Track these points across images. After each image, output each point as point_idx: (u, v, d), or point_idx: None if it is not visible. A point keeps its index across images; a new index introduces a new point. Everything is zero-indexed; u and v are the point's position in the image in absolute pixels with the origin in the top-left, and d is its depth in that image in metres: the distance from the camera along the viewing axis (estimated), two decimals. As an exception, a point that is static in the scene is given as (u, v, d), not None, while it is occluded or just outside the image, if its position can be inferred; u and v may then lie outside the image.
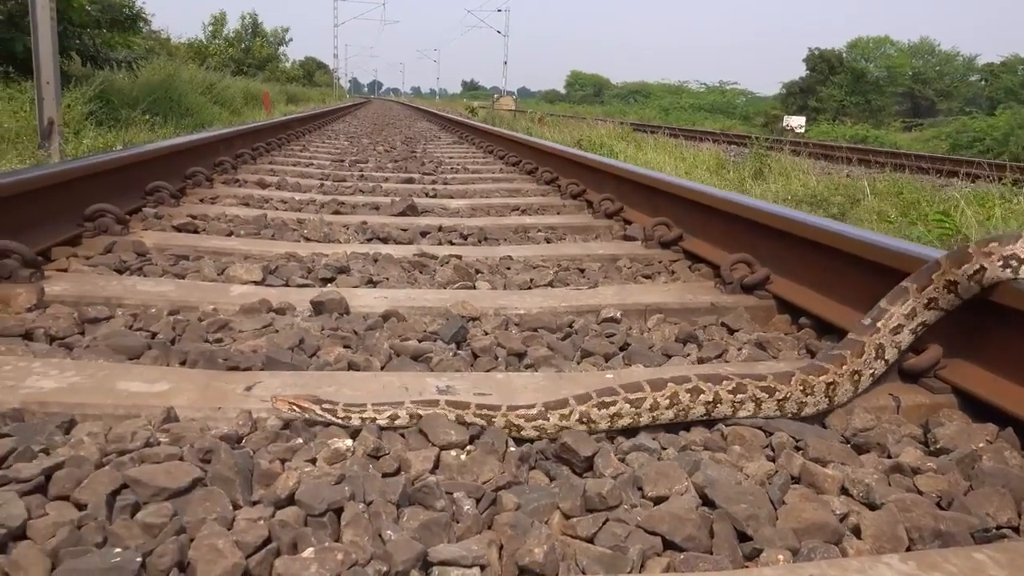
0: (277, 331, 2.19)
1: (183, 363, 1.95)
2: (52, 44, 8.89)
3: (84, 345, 2.02)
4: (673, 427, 1.68)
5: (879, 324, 1.81)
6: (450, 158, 8.54)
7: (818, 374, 1.73)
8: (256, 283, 2.73)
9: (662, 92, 74.64)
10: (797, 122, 26.59)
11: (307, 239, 3.57)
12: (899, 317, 1.82)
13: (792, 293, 2.57)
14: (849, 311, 2.26)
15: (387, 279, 2.90)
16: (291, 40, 57.51)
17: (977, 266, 1.79)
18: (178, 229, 3.58)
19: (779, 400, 1.69)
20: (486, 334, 2.31)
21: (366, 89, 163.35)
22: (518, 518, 1.28)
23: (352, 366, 1.98)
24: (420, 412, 1.58)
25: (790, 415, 1.72)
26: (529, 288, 2.89)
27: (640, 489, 1.40)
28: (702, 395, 1.66)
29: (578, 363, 2.13)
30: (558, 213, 4.77)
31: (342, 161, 7.55)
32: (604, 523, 1.28)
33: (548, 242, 3.85)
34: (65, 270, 2.73)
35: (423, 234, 3.79)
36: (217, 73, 24.75)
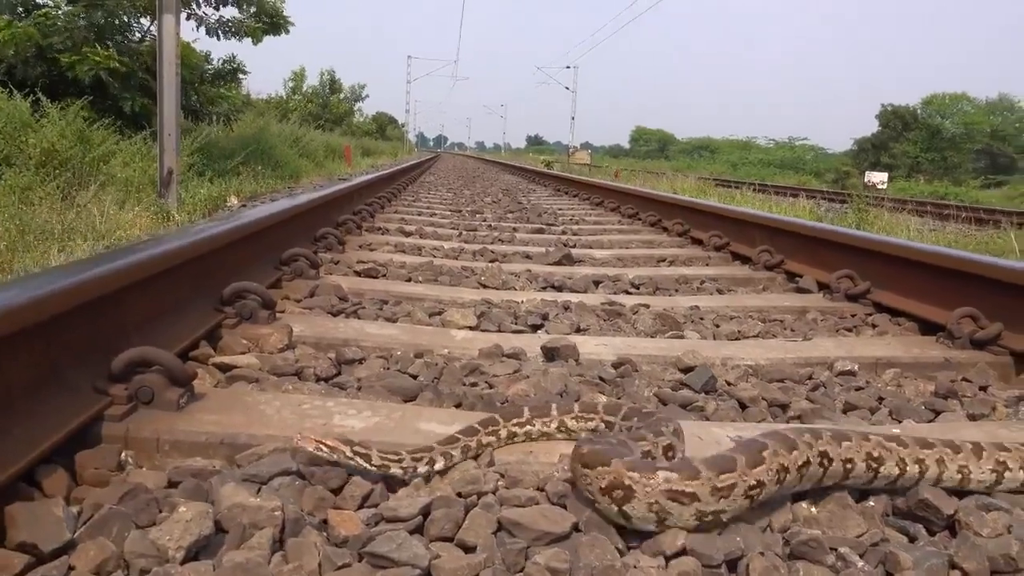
0: (528, 376, 2.18)
1: (458, 405, 1.95)
2: (176, 99, 9.30)
3: (355, 386, 2.04)
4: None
5: None
6: (560, 209, 8.59)
7: None
8: (471, 328, 2.73)
9: (729, 148, 74.43)
10: (879, 178, 26.10)
11: (484, 285, 3.59)
12: None
13: (1037, 349, 2.46)
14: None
15: (589, 326, 2.89)
16: (367, 96, 59.38)
17: None
18: (359, 274, 3.65)
19: None
20: (729, 384, 2.26)
21: (432, 143, 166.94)
22: (921, 577, 1.22)
23: (628, 413, 1.95)
24: (451, 453, 1.52)
25: None
26: (737, 339, 2.84)
27: (1025, 551, 1.32)
28: None
29: (844, 415, 2.06)
30: (706, 264, 4.72)
31: (459, 212, 7.66)
32: (1021, 586, 1.21)
33: (720, 293, 3.80)
34: (283, 311, 2.78)
35: (596, 283, 3.78)
36: (303, 128, 25.65)
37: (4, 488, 1.25)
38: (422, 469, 1.47)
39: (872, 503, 1.46)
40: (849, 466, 1.44)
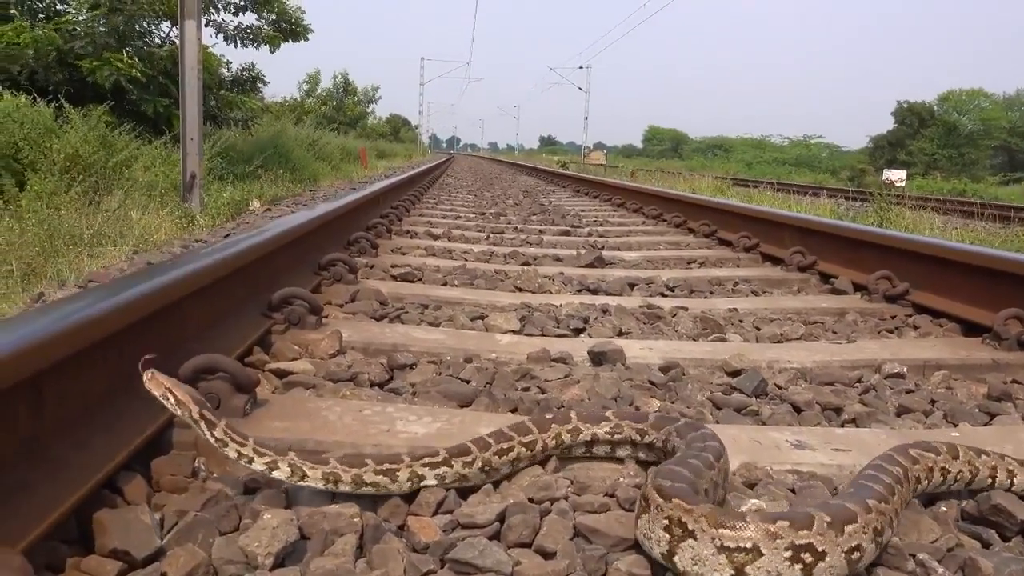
0: (579, 381, 2.18)
1: (513, 410, 1.96)
2: (198, 104, 9.35)
3: (410, 391, 2.05)
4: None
5: None
6: (582, 211, 8.59)
7: None
8: (515, 332, 2.75)
9: (744, 146, 74.13)
10: (897, 176, 25.87)
11: (520, 289, 3.60)
12: None
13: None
14: None
15: (631, 330, 2.89)
16: (380, 99, 59.60)
17: None
18: (395, 278, 3.66)
19: None
20: (779, 387, 2.26)
21: (445, 145, 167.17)
22: (1004, 584, 1.22)
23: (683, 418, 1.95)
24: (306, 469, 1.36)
25: None
26: (780, 341, 2.84)
27: (1102, 557, 1.31)
28: None
29: (898, 418, 2.05)
30: (737, 266, 4.71)
31: (483, 214, 7.68)
32: (1106, 593, 1.20)
33: (756, 295, 3.79)
34: (326, 316, 2.80)
35: (631, 285, 3.78)
36: (319, 131, 25.72)
37: (91, 496, 1.27)
38: (259, 466, 1.36)
39: (944, 508, 1.46)
40: None
